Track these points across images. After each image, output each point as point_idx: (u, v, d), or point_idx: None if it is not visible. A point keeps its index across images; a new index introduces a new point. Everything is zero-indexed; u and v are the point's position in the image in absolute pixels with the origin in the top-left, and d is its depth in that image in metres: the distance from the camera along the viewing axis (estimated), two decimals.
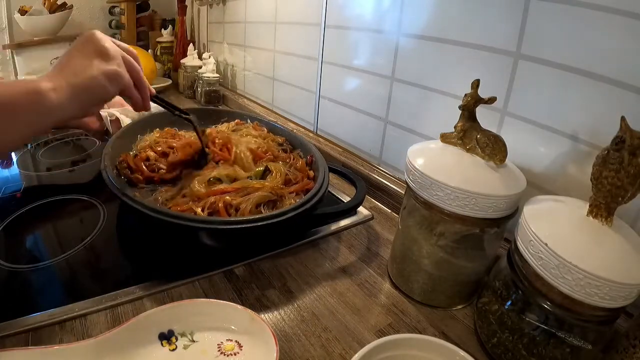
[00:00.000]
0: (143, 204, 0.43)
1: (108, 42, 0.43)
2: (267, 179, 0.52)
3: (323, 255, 0.49)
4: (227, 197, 0.47)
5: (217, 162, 0.55)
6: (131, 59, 0.45)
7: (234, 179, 0.52)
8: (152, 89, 0.49)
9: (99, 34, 0.43)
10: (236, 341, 0.34)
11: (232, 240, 0.47)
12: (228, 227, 0.42)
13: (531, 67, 0.43)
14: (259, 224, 0.42)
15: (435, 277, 0.41)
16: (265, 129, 0.68)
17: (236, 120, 0.71)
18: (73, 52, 0.41)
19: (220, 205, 0.46)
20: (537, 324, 0.32)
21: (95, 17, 1.49)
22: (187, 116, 0.57)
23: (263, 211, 0.47)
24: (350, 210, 0.53)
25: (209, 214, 0.45)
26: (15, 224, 0.52)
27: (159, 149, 0.57)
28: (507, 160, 0.38)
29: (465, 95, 0.39)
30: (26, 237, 0.51)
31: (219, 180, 0.51)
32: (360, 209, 0.58)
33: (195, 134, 0.58)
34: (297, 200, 0.48)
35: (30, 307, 0.38)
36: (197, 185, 0.49)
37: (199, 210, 0.45)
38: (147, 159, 0.54)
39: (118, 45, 0.44)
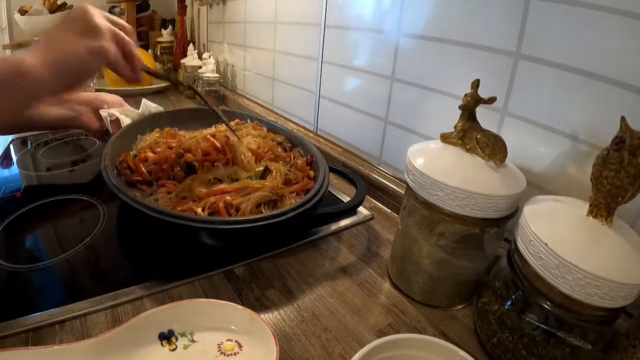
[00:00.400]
0: (143, 204, 0.43)
1: (98, 17, 0.43)
2: (267, 178, 0.52)
3: (323, 255, 0.49)
4: (228, 197, 0.47)
5: (213, 164, 0.54)
6: (122, 34, 0.45)
7: (234, 179, 0.52)
8: (143, 62, 0.49)
9: (90, 10, 0.42)
10: (236, 341, 0.34)
11: (232, 240, 0.47)
12: (229, 227, 0.42)
13: (531, 67, 0.43)
14: (260, 223, 0.42)
15: (435, 277, 0.41)
16: (265, 129, 0.68)
17: (236, 120, 0.71)
18: (61, 27, 0.42)
19: (220, 205, 0.46)
20: (537, 324, 0.32)
21: None
22: (189, 84, 0.57)
23: (263, 211, 0.47)
24: (351, 210, 0.53)
25: (209, 214, 0.45)
26: (15, 224, 0.52)
27: (158, 149, 0.56)
28: (507, 160, 0.38)
29: (465, 95, 0.39)
30: (26, 237, 0.51)
31: (219, 180, 0.51)
32: (360, 209, 0.58)
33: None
34: (298, 200, 0.48)
35: (30, 307, 0.38)
36: (197, 185, 0.49)
37: (199, 210, 0.45)
38: (146, 159, 0.54)
39: (111, 20, 0.44)
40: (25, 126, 0.65)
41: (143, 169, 0.52)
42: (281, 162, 0.57)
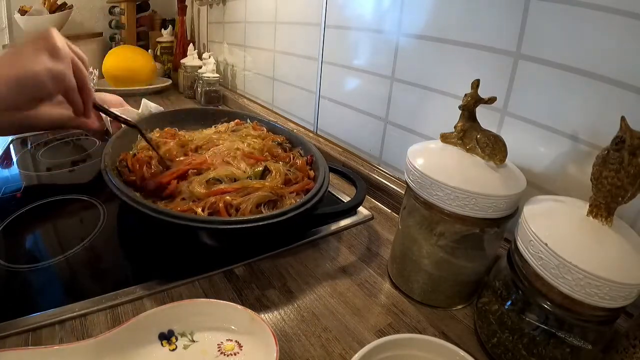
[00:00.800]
0: (143, 204, 0.43)
1: (61, 42, 0.42)
2: (267, 179, 0.52)
3: (323, 255, 0.49)
4: (228, 197, 0.47)
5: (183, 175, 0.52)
6: (80, 63, 0.44)
7: (233, 179, 0.52)
8: (96, 99, 0.48)
9: (54, 33, 0.42)
10: (236, 341, 0.34)
11: (232, 240, 0.47)
12: (229, 227, 0.42)
13: (531, 67, 0.43)
14: (260, 223, 0.42)
15: (435, 277, 0.41)
16: (265, 129, 0.68)
17: (236, 120, 0.71)
18: (26, 45, 0.41)
19: (220, 205, 0.46)
20: (537, 324, 0.32)
21: (95, 17, 1.49)
22: (133, 124, 0.56)
23: (263, 211, 0.47)
24: (351, 210, 0.53)
25: (209, 214, 0.45)
26: (15, 224, 0.52)
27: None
28: (507, 160, 0.38)
29: (465, 95, 0.39)
30: (26, 237, 0.51)
31: (218, 180, 0.51)
32: (360, 209, 0.58)
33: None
34: (298, 200, 0.48)
35: (30, 307, 0.38)
36: (197, 185, 0.49)
37: (199, 210, 0.45)
38: (149, 163, 0.54)
39: (70, 48, 0.44)
40: (25, 127, 0.65)
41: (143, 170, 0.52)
42: (281, 162, 0.57)
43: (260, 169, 0.53)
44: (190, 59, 1.19)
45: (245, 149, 0.58)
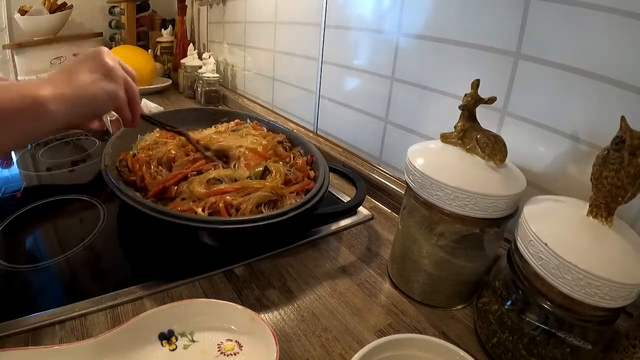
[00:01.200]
0: (144, 204, 0.43)
1: (115, 62, 0.45)
2: (267, 179, 0.52)
3: (323, 255, 0.49)
4: (228, 197, 0.47)
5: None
6: (130, 80, 0.47)
7: (234, 179, 0.52)
8: (142, 109, 0.51)
9: (107, 52, 0.45)
10: (236, 341, 0.34)
11: (232, 240, 0.47)
12: (229, 227, 0.42)
13: (531, 67, 0.43)
14: (260, 223, 0.42)
15: (435, 277, 0.41)
16: (265, 129, 0.68)
17: (236, 120, 0.71)
18: (81, 65, 0.42)
19: (220, 205, 0.46)
20: (537, 324, 0.32)
21: (95, 17, 1.49)
22: (178, 130, 0.58)
23: (264, 211, 0.47)
24: (351, 210, 0.53)
25: (209, 214, 0.45)
26: (15, 224, 0.52)
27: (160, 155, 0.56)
28: (507, 160, 0.38)
29: (465, 95, 0.39)
30: (26, 237, 0.51)
31: (218, 180, 0.51)
32: (361, 209, 0.58)
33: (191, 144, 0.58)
34: (298, 200, 0.48)
35: (30, 307, 0.38)
36: (197, 185, 0.49)
37: (199, 210, 0.45)
38: (148, 163, 0.54)
39: (122, 67, 0.46)
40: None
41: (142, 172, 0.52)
42: (281, 162, 0.57)
43: (261, 169, 0.53)
44: (190, 59, 1.19)
45: (249, 145, 0.58)
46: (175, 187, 0.49)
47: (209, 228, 0.42)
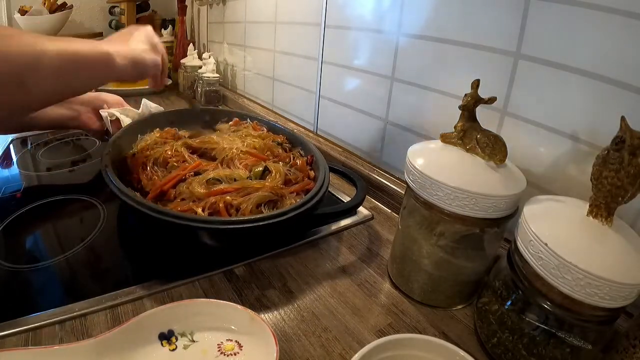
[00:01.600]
0: (143, 204, 0.43)
1: (158, 39, 0.60)
2: (267, 179, 0.52)
3: (323, 255, 0.49)
4: (228, 197, 0.47)
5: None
6: (165, 55, 0.62)
7: (233, 179, 0.51)
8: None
9: (152, 32, 0.59)
10: (236, 341, 0.34)
11: (233, 240, 0.47)
12: (229, 227, 0.42)
13: (531, 67, 0.43)
14: (260, 223, 0.42)
15: (435, 277, 0.41)
16: (265, 129, 0.68)
17: (234, 120, 0.71)
18: (135, 36, 0.56)
19: (220, 205, 0.46)
20: (537, 324, 0.32)
21: (95, 17, 1.49)
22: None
23: (264, 211, 0.47)
24: (351, 210, 0.53)
25: (209, 214, 0.45)
26: (15, 224, 0.52)
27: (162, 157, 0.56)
28: (507, 160, 0.38)
29: (465, 95, 0.39)
30: (26, 237, 0.51)
31: (218, 180, 0.51)
32: (360, 208, 0.58)
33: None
34: (298, 200, 0.48)
35: (30, 307, 0.38)
36: (197, 186, 0.49)
37: (199, 210, 0.45)
38: (144, 164, 0.54)
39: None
40: (26, 126, 0.66)
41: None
42: (281, 162, 0.57)
43: (260, 169, 0.53)
44: (190, 59, 1.19)
45: (243, 148, 0.58)
46: (174, 190, 0.49)
47: (209, 228, 0.42)
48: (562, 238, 0.30)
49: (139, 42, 0.55)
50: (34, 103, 0.47)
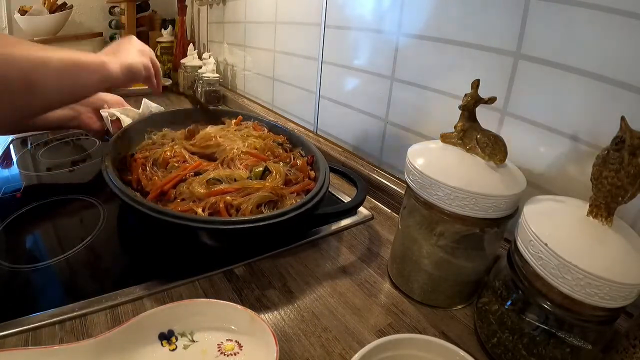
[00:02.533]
0: (143, 204, 0.43)
1: (144, 45, 0.64)
2: (267, 179, 0.52)
3: (323, 255, 0.49)
4: (228, 198, 0.47)
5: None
6: (154, 58, 0.65)
7: (233, 180, 0.51)
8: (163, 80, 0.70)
9: (136, 39, 0.64)
10: (236, 341, 0.34)
11: (233, 241, 0.47)
12: (229, 227, 0.42)
13: (531, 67, 0.43)
14: (260, 224, 0.42)
15: (435, 277, 0.41)
16: (266, 129, 0.68)
17: (238, 117, 0.70)
18: (122, 45, 0.61)
19: (221, 205, 0.46)
20: (537, 324, 0.32)
21: (95, 17, 1.49)
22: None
23: (264, 211, 0.47)
24: (351, 210, 0.53)
25: (209, 214, 0.45)
26: (15, 224, 0.52)
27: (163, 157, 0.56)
28: (507, 160, 0.38)
29: (465, 95, 0.39)
30: (26, 237, 0.51)
31: (218, 180, 0.51)
32: (361, 209, 0.58)
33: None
34: (298, 201, 0.48)
35: (30, 307, 0.38)
36: (197, 186, 0.49)
37: (199, 210, 0.45)
38: (144, 165, 0.54)
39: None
40: (26, 126, 0.66)
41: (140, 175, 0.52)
42: (281, 162, 0.57)
43: (261, 169, 0.53)
44: (190, 59, 1.19)
45: (243, 148, 0.58)
46: (174, 190, 0.49)
47: (210, 228, 0.42)
48: (562, 238, 0.30)
49: (127, 51, 0.59)
50: (39, 107, 0.49)
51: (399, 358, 0.31)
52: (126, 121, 0.63)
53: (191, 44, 1.21)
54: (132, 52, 0.59)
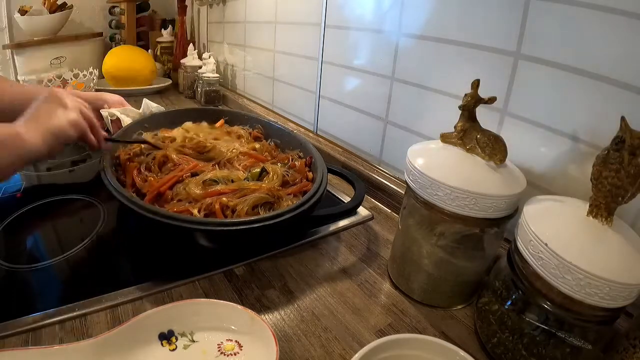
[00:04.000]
0: (139, 205, 0.43)
1: (68, 97, 0.53)
2: (264, 180, 0.52)
3: (323, 256, 0.49)
4: (224, 199, 0.47)
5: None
6: (85, 109, 0.54)
7: (230, 180, 0.51)
8: (104, 133, 0.56)
9: (60, 91, 0.53)
10: (236, 341, 0.34)
11: (228, 242, 0.47)
12: (223, 228, 0.42)
13: (531, 67, 0.43)
14: (255, 225, 0.42)
15: (435, 277, 0.41)
16: (262, 135, 0.68)
17: (221, 120, 0.69)
18: (41, 105, 0.50)
19: (216, 206, 0.46)
20: (537, 324, 0.32)
21: (95, 17, 1.49)
22: (142, 140, 0.59)
23: (260, 212, 0.47)
24: (349, 211, 0.53)
25: (205, 215, 0.45)
26: (15, 224, 0.52)
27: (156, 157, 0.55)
28: (507, 160, 0.38)
29: (465, 95, 0.39)
30: (26, 237, 0.51)
31: (215, 181, 0.50)
32: (360, 209, 0.58)
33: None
34: (295, 202, 0.48)
35: (30, 307, 0.38)
36: (194, 187, 0.49)
37: (195, 211, 0.45)
38: (137, 168, 0.54)
39: (77, 95, 0.54)
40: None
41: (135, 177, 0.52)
42: (279, 163, 0.57)
43: (258, 170, 0.53)
44: (190, 59, 1.19)
45: (242, 149, 0.58)
46: (171, 191, 0.49)
47: (204, 229, 0.42)
48: (562, 238, 0.30)
49: (47, 113, 0.50)
50: None
51: (399, 358, 0.31)
52: (126, 121, 0.63)
53: (191, 44, 1.21)
54: (54, 112, 0.50)
